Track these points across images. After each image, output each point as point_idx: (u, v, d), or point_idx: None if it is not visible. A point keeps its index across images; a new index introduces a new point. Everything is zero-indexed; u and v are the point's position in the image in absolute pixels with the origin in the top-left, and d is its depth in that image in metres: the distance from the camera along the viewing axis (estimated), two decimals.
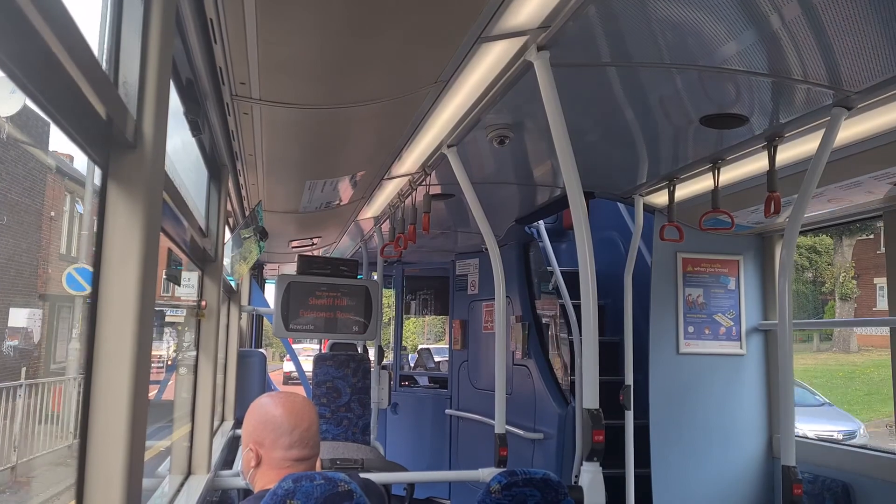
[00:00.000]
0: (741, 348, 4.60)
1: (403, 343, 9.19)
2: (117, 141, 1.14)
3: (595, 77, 2.65)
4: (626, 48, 2.39)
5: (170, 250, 2.86)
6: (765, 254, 4.68)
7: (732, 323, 4.62)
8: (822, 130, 2.75)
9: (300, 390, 8.11)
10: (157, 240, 1.26)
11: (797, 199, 2.84)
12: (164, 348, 11.42)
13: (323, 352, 6.80)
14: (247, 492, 3.21)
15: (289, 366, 23.71)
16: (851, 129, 2.88)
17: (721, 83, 2.61)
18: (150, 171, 1.20)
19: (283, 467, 1.94)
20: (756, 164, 3.40)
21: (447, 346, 7.94)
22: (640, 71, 2.58)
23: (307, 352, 18.50)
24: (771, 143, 3.07)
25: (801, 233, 4.49)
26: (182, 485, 2.84)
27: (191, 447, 3.00)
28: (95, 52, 0.98)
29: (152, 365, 1.27)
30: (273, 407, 1.96)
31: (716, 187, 3.47)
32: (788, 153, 3.18)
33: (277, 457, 1.94)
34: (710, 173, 3.52)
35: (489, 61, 2.43)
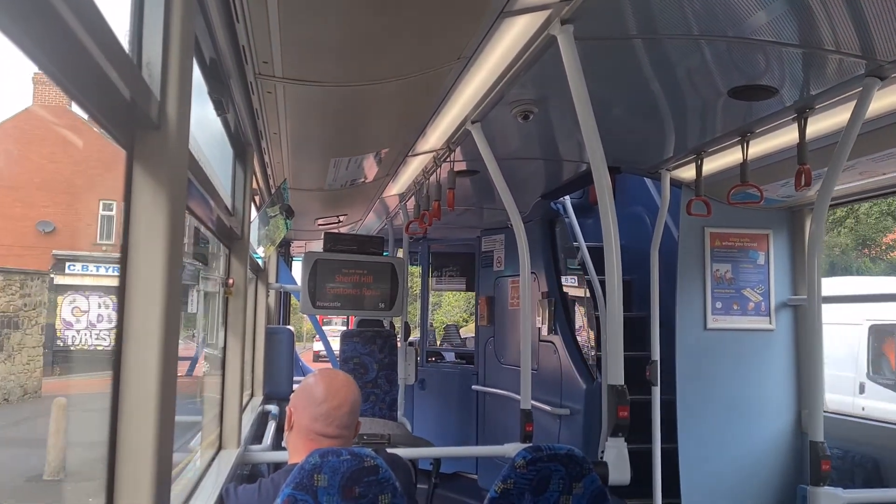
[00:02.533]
0: (770, 324, 4.55)
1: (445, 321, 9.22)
2: (141, 122, 1.15)
3: (620, 50, 2.61)
4: (652, 19, 2.34)
5: (197, 229, 2.89)
6: (794, 228, 4.61)
7: (761, 298, 4.57)
8: (854, 101, 2.69)
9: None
10: (184, 219, 1.28)
11: (828, 172, 2.79)
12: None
13: (350, 328, 6.85)
14: (276, 465, 3.27)
15: (317, 345, 24.00)
16: (884, 100, 2.81)
17: (750, 54, 2.56)
18: (175, 152, 1.21)
19: (309, 438, 2.02)
20: (786, 137, 3.34)
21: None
22: (666, 43, 2.54)
23: (332, 333, 18.53)
24: (801, 114, 3.01)
25: (833, 206, 4.43)
26: (213, 459, 2.89)
27: (221, 422, 3.05)
28: (118, 33, 0.99)
29: None
30: (316, 378, 2.11)
31: (744, 160, 3.41)
32: (819, 125, 3.12)
33: (304, 425, 2.06)
34: (739, 146, 3.46)
35: (512, 36, 2.41)
